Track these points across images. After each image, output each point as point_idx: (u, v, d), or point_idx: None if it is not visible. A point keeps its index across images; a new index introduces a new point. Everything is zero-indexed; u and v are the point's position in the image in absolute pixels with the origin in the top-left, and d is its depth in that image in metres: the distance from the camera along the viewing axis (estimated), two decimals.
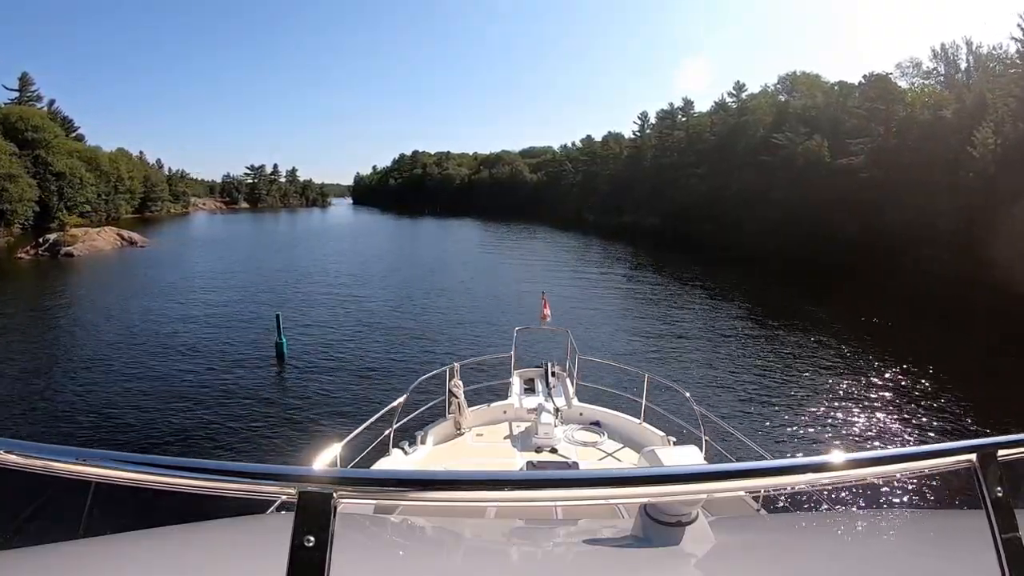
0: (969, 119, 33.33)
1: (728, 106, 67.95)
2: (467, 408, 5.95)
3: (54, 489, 1.50)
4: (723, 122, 65.96)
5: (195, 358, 16.46)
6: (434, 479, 0.96)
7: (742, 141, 57.22)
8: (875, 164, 39.94)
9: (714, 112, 70.23)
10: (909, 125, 39.56)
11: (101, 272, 35.03)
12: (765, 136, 52.71)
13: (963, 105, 35.79)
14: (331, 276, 33.24)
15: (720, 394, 14.01)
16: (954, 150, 32.95)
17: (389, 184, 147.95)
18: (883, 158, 39.57)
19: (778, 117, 54.31)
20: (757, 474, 1.08)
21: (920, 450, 1.11)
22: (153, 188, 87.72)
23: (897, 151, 38.82)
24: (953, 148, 33.08)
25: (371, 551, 1.45)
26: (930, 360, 16.11)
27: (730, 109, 67.00)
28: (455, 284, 30.53)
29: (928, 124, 37.68)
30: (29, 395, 13.60)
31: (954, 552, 1.42)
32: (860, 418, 12.76)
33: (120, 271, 35.75)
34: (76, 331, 20.10)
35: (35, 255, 40.22)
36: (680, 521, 1.42)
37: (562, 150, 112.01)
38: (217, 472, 0.91)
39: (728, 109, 67.45)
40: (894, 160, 38.28)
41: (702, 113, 73.56)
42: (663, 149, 74.13)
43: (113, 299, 25.44)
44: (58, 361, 16.49)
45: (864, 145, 42.10)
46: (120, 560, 1.34)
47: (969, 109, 34.58)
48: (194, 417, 12.25)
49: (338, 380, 14.66)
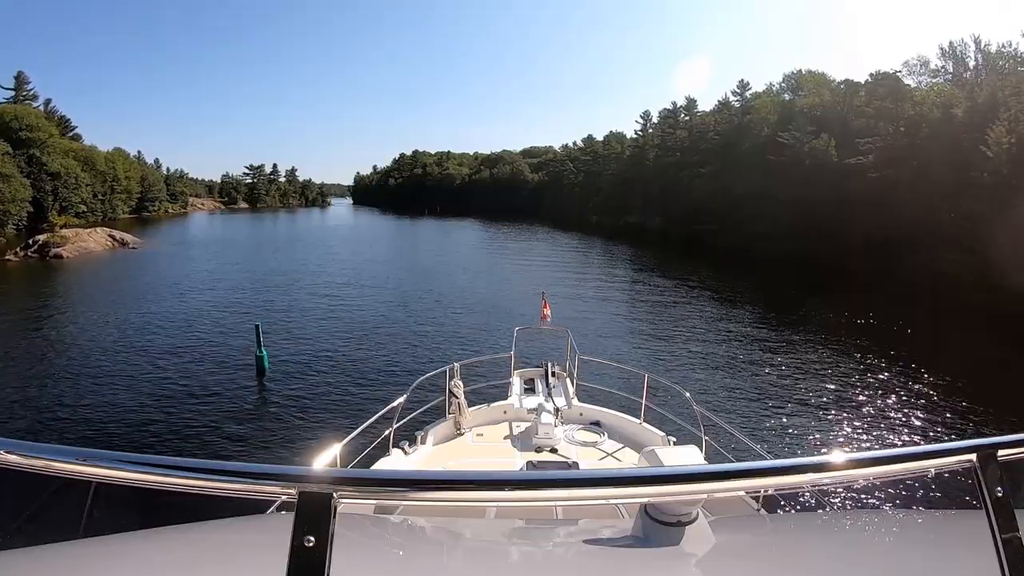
0: (981, 118, 32.64)
1: (731, 105, 67.13)
2: (467, 408, 5.95)
3: (54, 489, 1.50)
4: (727, 121, 64.83)
5: (171, 368, 15.62)
6: (434, 479, 0.96)
7: (747, 140, 56.09)
8: (885, 164, 39.08)
9: (717, 111, 69.23)
10: (918, 124, 38.79)
11: (89, 274, 34.65)
12: (770, 135, 51.75)
13: (974, 104, 35.07)
14: (325, 279, 32.50)
15: (721, 394, 14.02)
16: (965, 150, 32.36)
17: (389, 184, 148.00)
18: (893, 157, 38.75)
19: (783, 116, 53.36)
20: (757, 474, 1.09)
21: (920, 450, 1.11)
22: (150, 188, 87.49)
23: (907, 150, 38.16)
24: (964, 147, 32.53)
25: (371, 551, 1.45)
26: (936, 360, 16.09)
27: (734, 108, 66.11)
28: (454, 291, 29.43)
29: (938, 123, 36.84)
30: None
31: (954, 552, 1.42)
32: (860, 418, 12.75)
33: (108, 273, 35.15)
34: (56, 336, 19.51)
35: (24, 256, 39.52)
36: (680, 521, 1.42)
37: (563, 150, 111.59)
38: (217, 472, 0.91)
39: (731, 108, 66.54)
40: (903, 159, 37.68)
41: (705, 112, 72.75)
42: (666, 148, 73.02)
43: (98, 303, 24.81)
44: (38, 365, 16.09)
45: (873, 144, 41.17)
46: (120, 560, 1.34)
47: (981, 108, 33.87)
48: (176, 421, 11.97)
49: (328, 388, 14.25)
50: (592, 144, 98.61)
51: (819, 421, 12.57)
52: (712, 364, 16.77)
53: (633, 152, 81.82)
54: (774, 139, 50.23)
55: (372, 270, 36.84)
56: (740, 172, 52.26)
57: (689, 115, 74.57)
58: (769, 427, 12.07)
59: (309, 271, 35.87)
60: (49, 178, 56.75)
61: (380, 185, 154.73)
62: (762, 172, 48.87)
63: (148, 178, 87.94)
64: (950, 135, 34.86)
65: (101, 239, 46.11)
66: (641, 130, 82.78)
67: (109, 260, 40.79)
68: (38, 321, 21.96)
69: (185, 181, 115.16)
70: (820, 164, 44.26)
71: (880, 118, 42.48)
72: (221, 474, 0.91)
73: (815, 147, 45.65)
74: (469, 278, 34.10)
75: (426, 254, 48.39)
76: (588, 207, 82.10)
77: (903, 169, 37.10)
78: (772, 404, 13.44)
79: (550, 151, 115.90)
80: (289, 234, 71.88)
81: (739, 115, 63.13)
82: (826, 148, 44.76)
